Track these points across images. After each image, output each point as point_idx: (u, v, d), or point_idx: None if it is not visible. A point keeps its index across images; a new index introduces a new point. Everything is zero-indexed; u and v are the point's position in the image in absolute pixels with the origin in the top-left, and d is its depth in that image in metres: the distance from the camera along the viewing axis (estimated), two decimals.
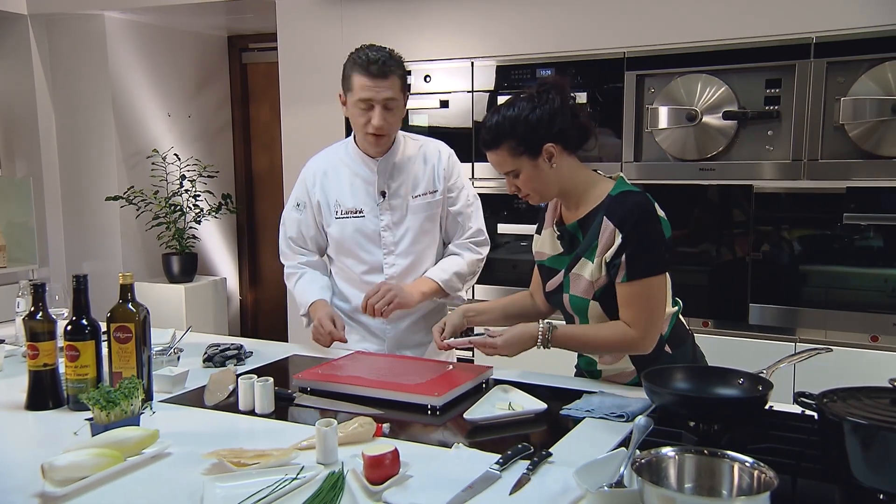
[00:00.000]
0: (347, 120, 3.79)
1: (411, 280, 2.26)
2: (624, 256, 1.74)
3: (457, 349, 1.89)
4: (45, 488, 1.31)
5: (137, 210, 4.56)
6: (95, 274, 2.20)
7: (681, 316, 1.94)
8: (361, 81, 2.07)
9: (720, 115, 3.00)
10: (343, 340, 2.16)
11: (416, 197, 2.25)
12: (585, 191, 1.84)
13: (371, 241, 2.25)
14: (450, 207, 2.31)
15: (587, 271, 1.81)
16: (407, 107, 2.25)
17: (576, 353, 2.02)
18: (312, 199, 2.28)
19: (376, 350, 2.27)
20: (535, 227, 2.05)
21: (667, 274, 1.84)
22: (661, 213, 1.81)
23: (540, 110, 1.76)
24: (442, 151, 2.31)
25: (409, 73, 2.20)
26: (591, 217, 1.82)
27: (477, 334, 1.91)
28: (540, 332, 1.81)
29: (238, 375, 1.86)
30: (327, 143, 2.40)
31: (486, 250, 2.37)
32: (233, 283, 5.39)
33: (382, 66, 2.06)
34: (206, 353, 2.15)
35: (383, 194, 2.23)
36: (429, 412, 1.72)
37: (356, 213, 2.24)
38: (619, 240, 1.75)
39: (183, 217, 4.68)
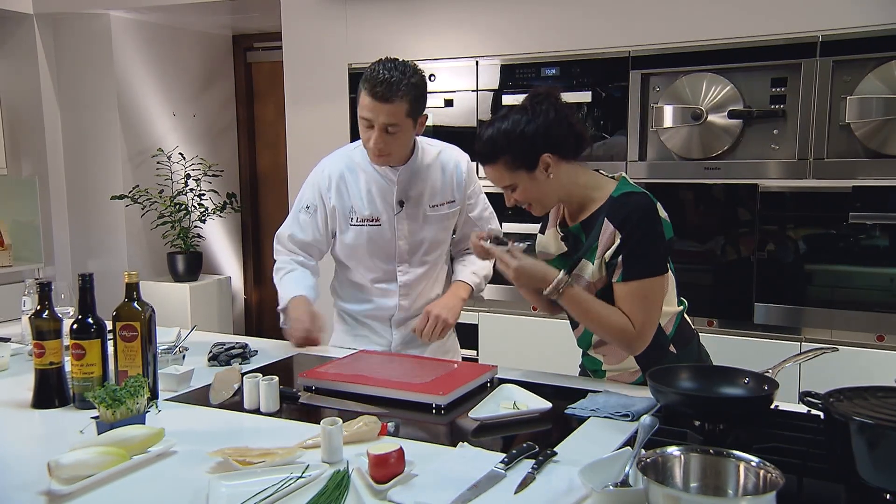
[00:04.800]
0: (352, 119, 3.82)
1: (421, 287, 2.26)
2: (621, 256, 1.74)
3: (485, 251, 1.82)
4: (51, 486, 1.32)
5: (142, 209, 4.58)
6: (101, 273, 2.20)
7: (686, 315, 1.93)
8: (365, 100, 1.99)
9: (725, 113, 2.99)
10: (316, 343, 2.11)
11: (433, 207, 2.20)
12: (586, 194, 1.83)
13: (386, 250, 2.20)
14: (469, 214, 2.30)
15: (587, 272, 1.81)
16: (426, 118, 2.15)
17: (580, 352, 2.02)
18: (327, 203, 2.20)
19: (384, 351, 2.27)
20: (538, 226, 2.05)
21: (670, 274, 1.84)
22: (663, 213, 1.80)
23: (535, 122, 1.74)
24: (461, 161, 2.25)
25: (423, 90, 2.05)
26: (593, 219, 1.82)
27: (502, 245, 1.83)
28: (556, 281, 1.76)
29: (243, 374, 1.86)
30: (332, 142, 2.38)
31: None
32: (237, 282, 5.40)
33: (388, 89, 1.95)
34: (210, 351, 2.15)
35: (401, 203, 2.17)
36: (433, 411, 1.72)
37: (372, 221, 2.17)
38: (618, 240, 1.75)
39: (188, 216, 4.69)
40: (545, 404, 1.70)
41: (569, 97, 3.29)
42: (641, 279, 1.75)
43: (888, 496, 1.15)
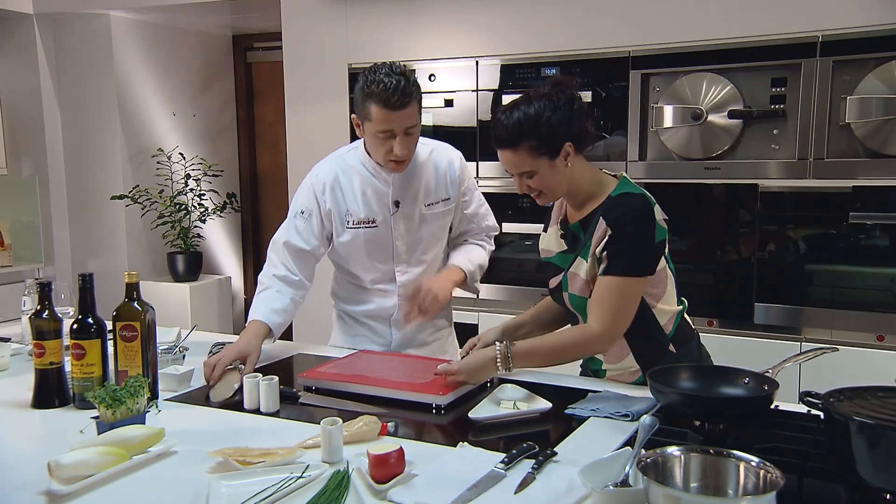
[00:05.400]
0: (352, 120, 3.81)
1: None
2: (607, 251, 1.75)
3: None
4: (51, 486, 1.32)
5: (142, 209, 4.58)
6: (101, 273, 2.20)
7: (686, 315, 1.93)
8: (381, 113, 1.96)
9: (725, 113, 2.99)
10: (207, 381, 1.91)
11: (428, 205, 2.19)
12: (591, 190, 1.84)
13: (383, 251, 2.19)
14: (465, 211, 2.30)
15: (583, 270, 1.81)
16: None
17: None
18: (322, 207, 2.18)
19: (384, 351, 2.27)
20: (540, 226, 2.05)
21: (669, 274, 1.84)
22: (660, 215, 1.80)
23: (561, 111, 1.75)
24: (453, 159, 2.25)
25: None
26: (591, 217, 1.82)
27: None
28: (498, 354, 1.80)
29: (242, 374, 1.86)
30: (332, 142, 2.38)
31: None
32: (237, 282, 5.40)
33: (402, 95, 1.94)
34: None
35: (397, 204, 2.16)
36: (434, 411, 1.72)
37: (369, 223, 2.16)
38: (607, 236, 1.75)
39: (188, 216, 4.69)
40: (545, 404, 1.70)
41: None
42: (622, 276, 1.75)
43: (888, 496, 1.15)
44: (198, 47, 5.09)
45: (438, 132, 3.48)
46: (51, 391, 1.77)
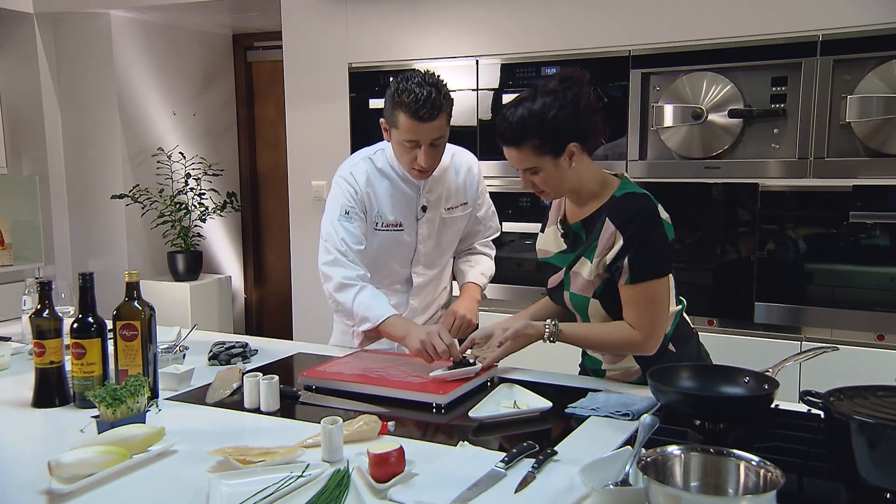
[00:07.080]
0: (352, 119, 3.82)
1: (430, 287, 2.29)
2: (626, 260, 1.74)
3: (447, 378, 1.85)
4: (51, 485, 1.32)
5: (143, 208, 4.57)
6: (101, 272, 2.20)
7: (685, 314, 1.93)
8: (409, 124, 1.96)
9: (726, 113, 2.99)
10: (459, 357, 1.93)
11: (448, 209, 2.22)
12: (594, 189, 1.84)
13: (404, 254, 2.21)
14: (476, 214, 2.33)
15: (585, 270, 1.81)
16: None
17: (580, 352, 2.02)
18: (362, 205, 2.14)
19: (384, 350, 2.27)
20: (539, 224, 2.05)
21: (670, 275, 1.84)
22: (664, 214, 1.80)
23: (566, 109, 1.72)
24: (472, 164, 2.28)
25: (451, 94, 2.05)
26: (594, 217, 1.82)
27: (463, 363, 1.88)
28: (547, 330, 1.83)
29: (244, 373, 1.86)
30: (332, 142, 2.37)
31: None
32: (238, 282, 5.40)
33: (432, 108, 1.93)
34: (211, 351, 2.16)
35: (424, 209, 2.17)
36: (434, 410, 1.73)
37: (396, 226, 2.17)
38: (620, 242, 1.75)
39: (188, 215, 4.69)
40: (545, 403, 1.70)
41: None
42: (647, 281, 1.75)
43: (888, 495, 1.15)
44: (198, 47, 5.08)
45: None
46: (51, 390, 1.77)
